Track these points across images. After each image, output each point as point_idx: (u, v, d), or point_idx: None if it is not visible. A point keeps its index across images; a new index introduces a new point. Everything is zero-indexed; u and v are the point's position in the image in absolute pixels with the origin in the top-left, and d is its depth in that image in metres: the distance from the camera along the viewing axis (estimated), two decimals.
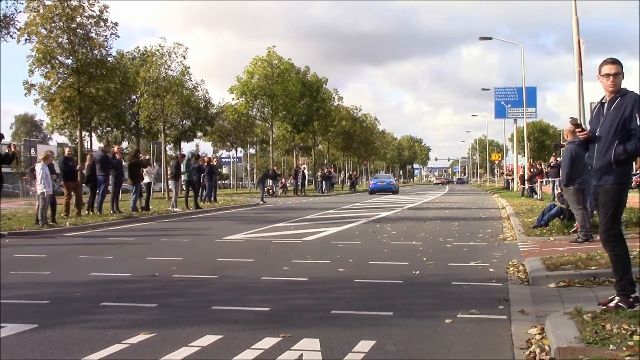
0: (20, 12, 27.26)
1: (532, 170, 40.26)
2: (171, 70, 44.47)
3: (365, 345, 5.86)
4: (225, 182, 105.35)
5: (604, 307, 6.64)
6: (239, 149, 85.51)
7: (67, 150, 26.17)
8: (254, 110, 61.79)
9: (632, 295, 6.63)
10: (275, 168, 57.33)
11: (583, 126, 6.94)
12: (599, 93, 7.01)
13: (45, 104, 29.57)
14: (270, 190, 49.99)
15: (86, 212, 23.67)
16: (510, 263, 10.98)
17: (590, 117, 6.99)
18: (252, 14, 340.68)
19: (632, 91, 6.71)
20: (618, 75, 6.72)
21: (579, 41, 19.34)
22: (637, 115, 6.50)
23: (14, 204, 38.82)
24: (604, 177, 6.69)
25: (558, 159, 27.87)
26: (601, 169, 6.69)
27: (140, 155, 25.89)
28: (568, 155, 12.73)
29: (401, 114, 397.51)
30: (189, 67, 45.11)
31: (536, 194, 36.03)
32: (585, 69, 18.83)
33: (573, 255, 10.45)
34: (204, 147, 77.66)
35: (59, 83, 28.74)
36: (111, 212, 24.01)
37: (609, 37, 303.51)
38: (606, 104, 6.77)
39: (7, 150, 18.19)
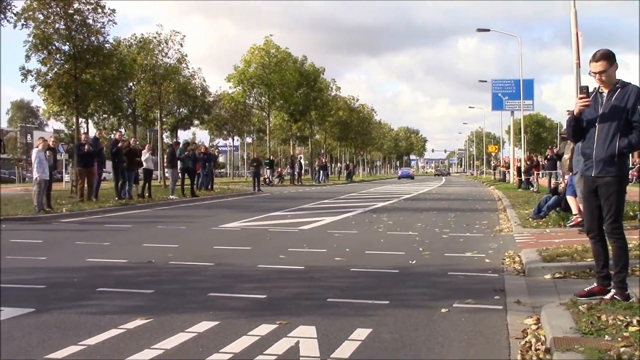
0: None
1: (528, 162, 40.31)
2: (168, 58, 44.46)
3: (361, 333, 5.88)
4: (222, 170, 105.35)
5: (584, 297, 6.69)
6: (236, 138, 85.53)
7: (83, 136, 26.31)
8: (251, 99, 61.90)
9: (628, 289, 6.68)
10: (272, 157, 57.31)
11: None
12: (595, 85, 6.95)
13: (41, 90, 29.50)
14: (267, 179, 50.00)
15: (95, 199, 23.88)
16: (506, 254, 11.00)
17: None
18: (251, 3, 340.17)
19: (631, 83, 6.68)
20: (605, 71, 6.62)
21: (577, 33, 19.33)
22: (639, 107, 6.46)
23: (10, 189, 38.79)
24: (605, 169, 6.62)
25: (555, 149, 27.86)
26: (603, 160, 6.63)
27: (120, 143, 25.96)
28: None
29: (397, 104, 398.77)
30: (186, 55, 45.17)
31: (532, 186, 36.05)
32: (582, 61, 18.83)
33: (569, 247, 10.47)
34: (201, 135, 77.62)
35: (56, 69, 28.67)
36: (116, 198, 24.31)
37: (605, 32, 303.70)
38: (605, 95, 6.71)
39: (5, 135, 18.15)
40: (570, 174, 14.11)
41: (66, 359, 5.12)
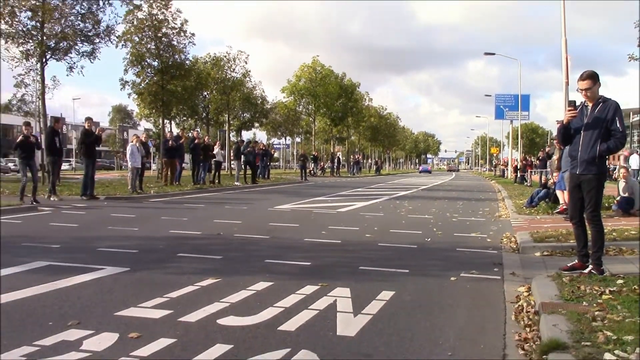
0: (119, 23, 27.58)
1: (524, 162, 40.06)
2: (235, 73, 44.71)
3: (386, 295, 5.90)
4: (276, 163, 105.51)
5: (567, 271, 6.65)
6: (288, 138, 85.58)
7: (168, 134, 26.69)
8: (300, 106, 61.84)
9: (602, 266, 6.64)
10: (316, 153, 57.31)
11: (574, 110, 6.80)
12: (582, 100, 6.90)
13: (135, 97, 29.86)
14: (312, 171, 50.04)
15: (176, 184, 24.26)
16: (504, 235, 10.91)
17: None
18: (302, 29, 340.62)
19: (611, 99, 6.63)
20: (590, 88, 6.58)
21: (567, 57, 19.03)
22: (617, 119, 6.45)
23: (110, 175, 39.34)
24: (588, 168, 6.63)
25: (547, 149, 27.47)
26: (586, 161, 6.62)
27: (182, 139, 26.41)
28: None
29: (418, 113, 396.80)
30: (249, 71, 45.47)
31: (526, 181, 35.64)
32: (571, 80, 18.53)
33: (555, 230, 10.37)
34: (260, 135, 77.76)
35: (147, 81, 28.98)
36: (192, 183, 24.62)
37: (590, 57, 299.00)
38: (590, 108, 6.68)
39: (97, 131, 18.39)
40: (558, 172, 13.97)
41: (154, 308, 5.22)
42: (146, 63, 28.76)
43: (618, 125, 6.45)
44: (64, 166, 44.70)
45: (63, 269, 6.86)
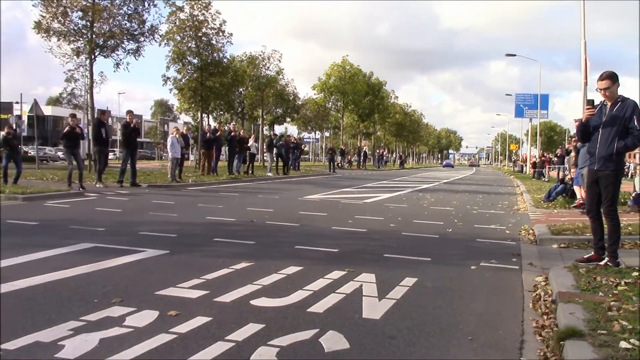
0: (162, 23, 27.76)
1: (542, 158, 39.56)
2: (269, 71, 44.76)
3: (409, 281, 5.86)
4: (306, 156, 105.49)
5: (583, 263, 6.53)
6: (317, 132, 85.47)
7: (206, 127, 26.87)
8: (330, 103, 61.83)
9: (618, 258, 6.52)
10: (343, 147, 57.22)
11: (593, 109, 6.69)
12: (601, 99, 6.76)
13: (176, 92, 29.98)
14: (339, 164, 49.95)
15: (213, 174, 24.40)
16: (523, 227, 10.77)
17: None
18: (332, 31, 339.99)
19: (629, 98, 6.49)
20: (608, 88, 6.45)
21: (585, 59, 18.71)
22: (635, 117, 6.30)
23: (150, 164, 39.72)
24: (605, 164, 6.50)
25: (572, 144, 27.08)
26: (604, 158, 6.50)
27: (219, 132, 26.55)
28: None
29: (441, 111, 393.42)
30: (283, 69, 45.50)
31: (544, 176, 35.18)
32: (589, 81, 18.22)
33: (572, 224, 10.19)
34: (291, 129, 77.80)
35: (187, 77, 29.10)
36: (228, 173, 24.74)
37: (609, 59, 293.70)
38: (608, 107, 6.54)
39: (133, 123, 18.51)
40: (576, 168, 13.75)
41: (191, 288, 5.25)
42: (187, 61, 28.87)
43: (636, 123, 6.31)
44: (109, 156, 45.22)
45: (107, 251, 6.94)
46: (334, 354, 3.71)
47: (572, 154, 14.61)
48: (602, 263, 6.47)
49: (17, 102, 50.64)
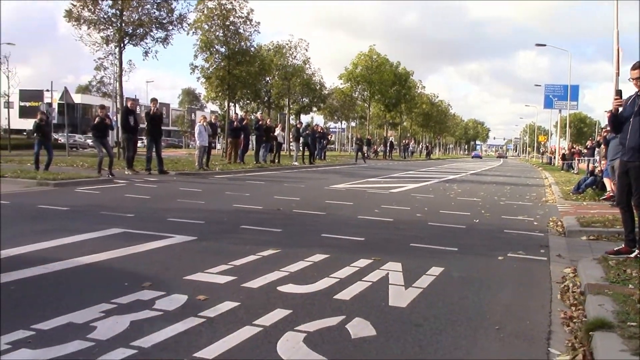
0: (190, 12, 27.87)
1: (571, 150, 39.06)
2: (296, 60, 44.68)
3: (435, 270, 5.85)
4: (332, 146, 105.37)
5: (613, 255, 6.44)
6: (343, 122, 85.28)
7: (233, 116, 27.00)
8: (356, 93, 61.53)
9: None
10: (370, 137, 57.08)
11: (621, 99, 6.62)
12: (631, 91, 6.65)
13: (203, 80, 30.16)
14: (367, 154, 49.85)
15: (240, 162, 24.52)
16: (551, 219, 10.65)
17: (624, 104, 6.63)
18: (359, 21, 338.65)
19: None
20: None
21: (617, 49, 18.40)
22: None
23: (178, 153, 40.05)
24: (635, 155, 6.39)
25: (599, 136, 26.73)
26: (633, 148, 6.39)
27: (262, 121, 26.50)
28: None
29: (468, 101, 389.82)
30: (309, 58, 45.32)
31: (573, 168, 34.73)
32: (621, 72, 17.92)
33: (602, 216, 10.07)
34: (317, 119, 77.72)
35: (215, 66, 29.26)
36: (254, 162, 24.83)
37: None
38: None
39: (152, 111, 18.64)
40: (606, 160, 13.55)
41: (219, 274, 5.31)
42: (214, 49, 29.02)
43: None
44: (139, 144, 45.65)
45: (137, 236, 7.04)
46: (361, 341, 3.73)
47: (602, 145, 14.39)
48: (632, 255, 6.38)
49: (47, 90, 51.41)
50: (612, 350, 3.39)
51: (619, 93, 6.68)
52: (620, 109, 6.62)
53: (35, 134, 17.55)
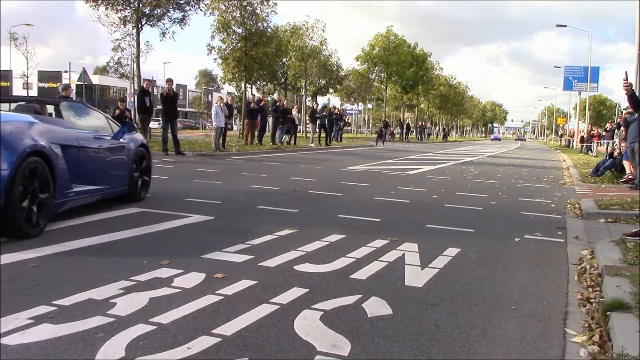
0: None
1: (590, 133, 38.68)
2: (313, 41, 44.40)
3: (452, 251, 5.86)
4: (348, 128, 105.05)
5: (630, 237, 6.38)
6: (360, 104, 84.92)
7: (251, 97, 27.01)
8: (373, 74, 61.20)
9: None
10: (387, 119, 56.88)
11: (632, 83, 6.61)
12: None
13: (220, 62, 30.14)
14: (384, 137, 49.71)
15: (256, 143, 24.55)
16: (569, 201, 10.60)
17: None
18: (377, 2, 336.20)
19: None
20: None
21: (639, 29, 18.11)
22: None
23: (195, 134, 40.19)
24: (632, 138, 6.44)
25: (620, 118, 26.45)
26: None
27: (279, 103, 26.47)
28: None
29: (486, 83, 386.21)
30: (326, 39, 44.96)
31: (592, 151, 34.40)
32: None
33: (620, 199, 9.99)
34: (334, 101, 77.46)
35: (232, 47, 29.22)
36: (271, 143, 24.86)
37: None
38: None
39: (165, 91, 18.67)
40: (625, 142, 13.40)
41: (236, 253, 5.35)
42: (231, 30, 28.94)
43: None
44: (154, 125, 45.81)
45: (155, 215, 7.11)
46: (377, 319, 3.76)
47: (622, 127, 14.22)
48: None
49: (65, 71, 51.73)
50: (629, 331, 3.39)
51: (626, 75, 6.67)
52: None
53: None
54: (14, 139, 5.47)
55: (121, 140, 8.05)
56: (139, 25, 23.99)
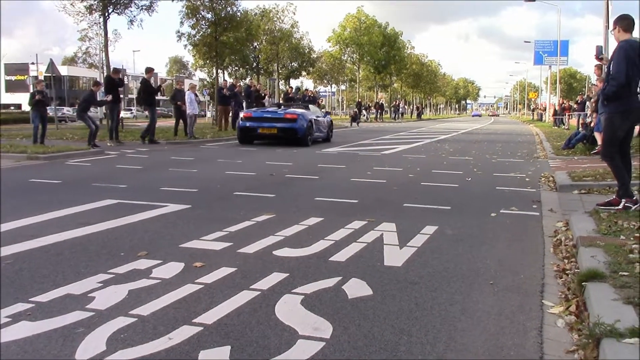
0: None
1: (561, 106, 39.11)
2: (284, 24, 44.24)
3: (429, 229, 5.90)
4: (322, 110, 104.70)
5: (602, 207, 6.47)
6: (333, 85, 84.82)
7: (223, 83, 26.72)
8: (345, 55, 61.24)
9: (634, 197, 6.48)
10: (360, 100, 56.91)
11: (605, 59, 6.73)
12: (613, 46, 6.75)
13: (191, 48, 29.78)
14: (359, 118, 49.77)
15: (231, 129, 24.36)
16: (543, 175, 10.73)
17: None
18: None
19: (628, 40, 6.36)
20: (614, 33, 6.49)
21: (607, 2, 18.32)
22: (612, 61, 6.30)
23: (169, 122, 39.75)
24: (601, 108, 6.58)
25: (583, 97, 26.75)
26: (601, 104, 6.58)
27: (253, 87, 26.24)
28: None
29: (457, 61, 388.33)
30: (297, 22, 44.90)
31: (564, 124, 34.82)
32: (610, 25, 17.88)
33: (593, 170, 10.15)
34: (307, 83, 77.22)
35: (201, 32, 28.88)
36: None
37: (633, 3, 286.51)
38: None
39: (159, 84, 18.58)
40: (596, 113, 13.56)
41: (215, 240, 5.33)
42: (200, 15, 28.57)
43: (611, 67, 6.28)
44: (126, 114, 45.34)
45: (131, 206, 7.04)
46: (357, 300, 3.78)
47: (592, 99, 14.40)
48: (620, 207, 6.43)
49: (32, 63, 50.67)
50: (605, 300, 3.45)
51: (598, 50, 6.82)
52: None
53: (35, 106, 16.98)
54: (306, 117, 18.06)
55: (326, 117, 19.94)
56: (106, 14, 23.59)
